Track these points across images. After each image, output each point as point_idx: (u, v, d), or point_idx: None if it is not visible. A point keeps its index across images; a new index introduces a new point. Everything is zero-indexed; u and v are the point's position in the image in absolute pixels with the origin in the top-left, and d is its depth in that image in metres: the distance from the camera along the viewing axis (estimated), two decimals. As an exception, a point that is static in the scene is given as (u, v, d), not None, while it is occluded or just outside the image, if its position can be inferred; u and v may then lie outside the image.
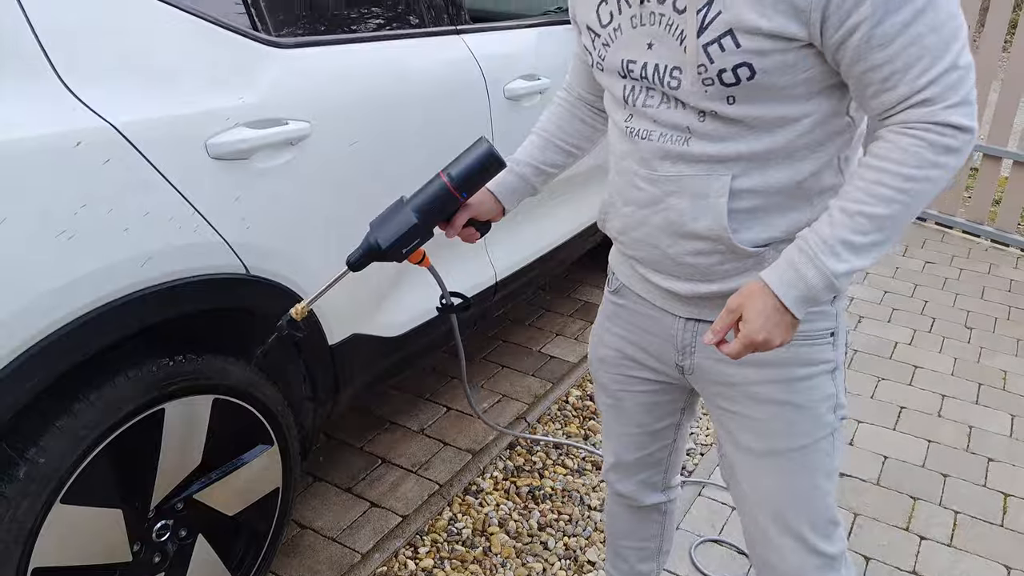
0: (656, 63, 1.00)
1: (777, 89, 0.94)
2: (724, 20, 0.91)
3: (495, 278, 2.32)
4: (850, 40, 0.88)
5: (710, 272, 1.08)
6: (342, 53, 1.71)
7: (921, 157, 0.90)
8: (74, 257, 1.20)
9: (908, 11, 0.85)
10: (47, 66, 1.21)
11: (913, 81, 0.89)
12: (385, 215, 1.21)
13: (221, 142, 1.41)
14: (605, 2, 1.05)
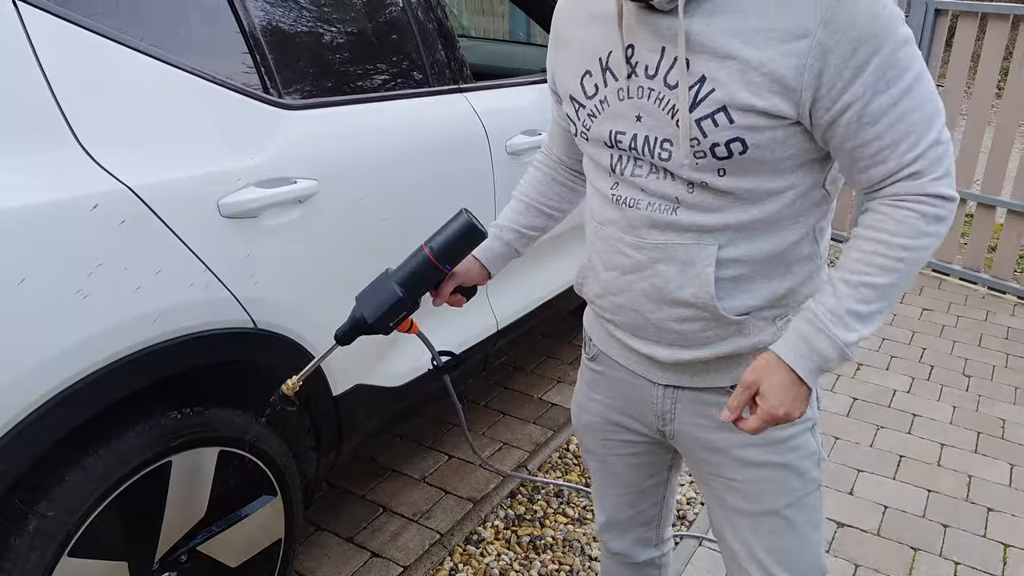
0: (646, 135, 1.02)
1: (766, 163, 0.97)
2: (717, 97, 0.94)
3: (496, 326, 2.35)
4: (842, 118, 0.93)
5: (692, 338, 1.09)
6: (349, 112, 1.77)
7: (915, 228, 0.95)
8: (88, 316, 1.24)
9: (895, 91, 0.91)
10: (68, 132, 1.26)
11: (902, 156, 0.94)
12: (371, 288, 1.22)
13: (232, 201, 1.46)
14: (589, 74, 1.07)
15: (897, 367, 3.19)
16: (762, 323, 1.09)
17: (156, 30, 1.44)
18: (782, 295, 1.08)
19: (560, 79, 1.15)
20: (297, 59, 1.71)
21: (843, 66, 0.89)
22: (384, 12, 1.97)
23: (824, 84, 0.90)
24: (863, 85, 0.90)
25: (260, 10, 1.64)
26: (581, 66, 1.09)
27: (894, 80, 0.90)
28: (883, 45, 0.89)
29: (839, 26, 0.88)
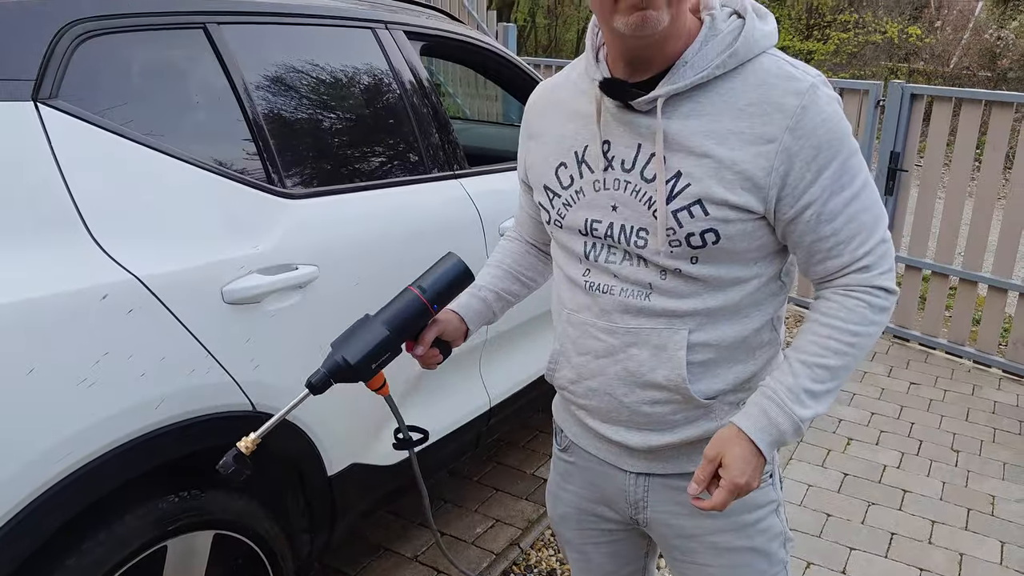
0: (622, 224, 1.08)
1: (735, 253, 1.05)
2: (693, 192, 1.01)
3: (489, 404, 2.38)
4: (803, 215, 1.02)
5: (663, 422, 1.14)
6: (348, 200, 1.84)
7: (864, 316, 1.05)
8: (92, 404, 1.28)
9: (848, 193, 1.02)
10: (81, 225, 1.32)
11: (854, 251, 1.04)
12: (350, 332, 1.17)
13: (236, 288, 1.51)
14: (564, 166, 1.13)
15: (887, 442, 3.21)
16: (727, 407, 1.14)
17: (164, 124, 1.52)
18: (745, 379, 1.14)
19: (533, 170, 1.20)
20: (299, 149, 1.79)
21: (806, 169, 0.99)
22: (382, 102, 2.07)
23: (789, 184, 1.00)
24: (822, 187, 1.00)
25: (264, 103, 1.73)
26: (556, 158, 1.15)
27: (847, 184, 1.02)
28: (839, 152, 1.00)
29: (803, 133, 0.98)
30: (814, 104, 0.98)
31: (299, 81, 1.85)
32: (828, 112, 0.99)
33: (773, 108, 0.98)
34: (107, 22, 1.44)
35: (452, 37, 2.41)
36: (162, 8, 1.55)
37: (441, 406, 2.17)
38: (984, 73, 14.03)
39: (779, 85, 0.99)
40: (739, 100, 1.00)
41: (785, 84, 0.99)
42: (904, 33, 13.21)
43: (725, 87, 1.01)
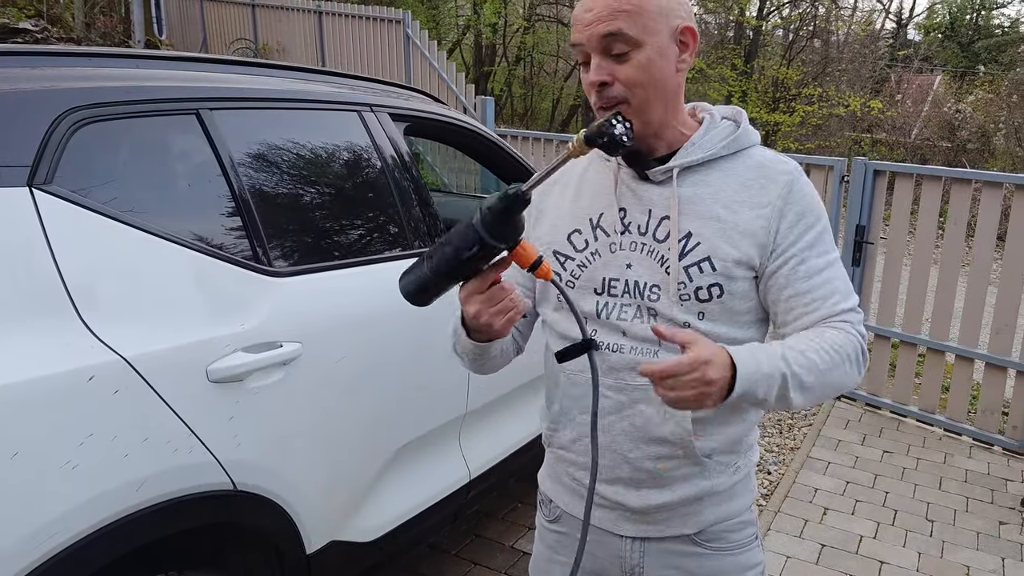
0: (636, 280, 1.18)
1: (735, 312, 1.16)
2: (703, 249, 1.15)
3: (469, 476, 2.38)
4: (784, 267, 1.15)
5: (663, 479, 1.20)
6: (333, 277, 1.88)
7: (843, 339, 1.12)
8: (74, 487, 1.28)
9: (823, 260, 1.17)
10: (70, 308, 1.34)
11: (831, 307, 1.16)
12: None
13: (220, 367, 1.53)
14: (578, 232, 1.23)
15: (862, 511, 3.24)
16: (720, 467, 1.23)
17: (156, 207, 1.55)
18: (737, 440, 1.24)
19: (546, 237, 1.26)
20: (286, 228, 1.83)
21: (791, 228, 1.15)
22: (366, 181, 2.13)
23: (778, 237, 1.15)
24: (803, 245, 1.15)
25: (253, 184, 1.77)
26: (569, 226, 1.25)
27: (823, 252, 1.17)
28: (818, 222, 1.17)
29: (791, 200, 1.16)
30: (799, 182, 1.18)
31: (287, 162, 1.91)
32: (809, 191, 1.18)
33: (769, 181, 1.17)
34: (103, 109, 1.49)
35: (434, 118, 2.50)
36: (157, 96, 1.60)
37: (419, 479, 2.17)
38: (944, 143, 14.57)
39: (773, 166, 1.19)
40: (740, 176, 1.17)
41: (777, 165, 1.19)
42: (866, 106, 13.73)
43: (727, 166, 1.18)
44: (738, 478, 1.26)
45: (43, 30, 8.85)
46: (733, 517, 1.27)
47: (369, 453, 1.96)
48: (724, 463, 1.23)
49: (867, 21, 22.52)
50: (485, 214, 0.99)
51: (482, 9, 17.40)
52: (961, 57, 24.61)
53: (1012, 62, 20.90)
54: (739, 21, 18.40)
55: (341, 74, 2.38)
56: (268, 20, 10.50)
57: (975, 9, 26.25)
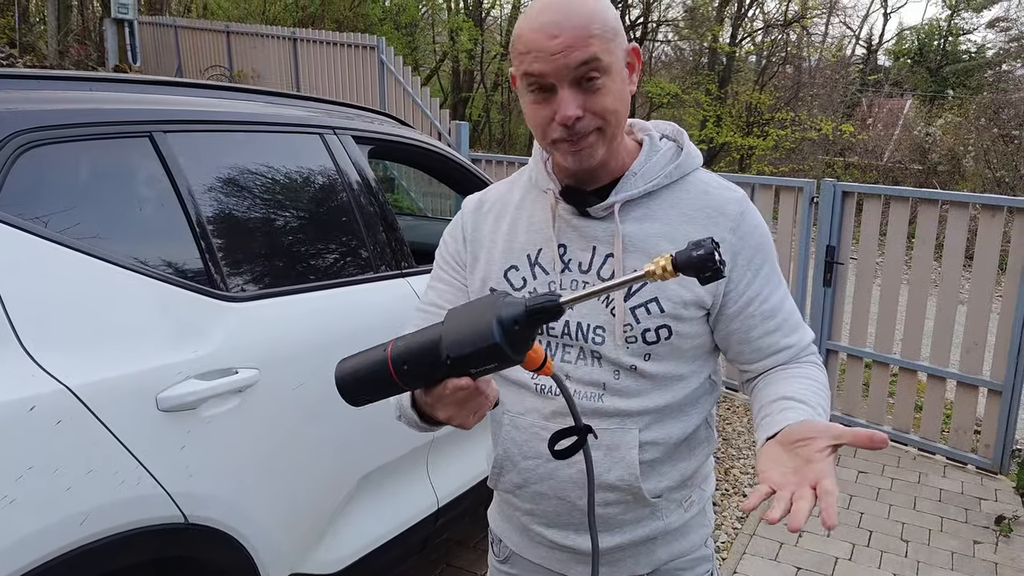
0: (579, 321, 1.10)
1: (681, 351, 1.11)
2: (650, 289, 1.08)
3: (437, 504, 2.34)
4: (748, 310, 1.11)
5: (613, 522, 1.16)
6: (293, 302, 1.85)
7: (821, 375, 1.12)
8: (12, 523, 1.23)
9: (780, 293, 1.14)
10: (12, 335, 1.30)
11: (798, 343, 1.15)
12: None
13: (171, 395, 1.49)
14: (515, 268, 1.15)
15: (837, 533, 3.21)
16: (672, 505, 1.19)
17: (106, 230, 1.52)
18: (688, 476, 1.19)
19: (476, 275, 1.19)
20: (243, 252, 1.80)
21: (747, 266, 1.10)
22: (328, 204, 2.10)
23: (733, 279, 1.10)
24: (761, 284, 1.11)
25: (209, 207, 1.74)
26: (505, 262, 1.16)
27: (778, 284, 1.14)
28: (770, 255, 1.13)
29: (743, 234, 1.10)
30: (749, 212, 1.12)
31: (245, 185, 1.88)
32: (758, 220, 1.13)
33: (717, 212, 1.10)
34: (50, 132, 1.46)
35: (400, 140, 2.48)
36: (107, 119, 1.57)
37: (384, 509, 2.12)
38: (916, 166, 14.82)
39: (720, 194, 1.12)
40: (686, 206, 1.11)
41: (724, 193, 1.12)
42: (838, 130, 13.95)
43: (671, 195, 1.12)
44: (692, 513, 1.22)
45: (8, 56, 8.78)
46: (688, 554, 1.23)
47: (330, 482, 1.92)
48: (676, 500, 1.19)
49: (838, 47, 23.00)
50: (510, 328, 0.79)
51: (458, 36, 17.55)
52: (930, 82, 25.15)
53: (979, 86, 21.39)
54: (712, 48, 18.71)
55: (305, 97, 2.36)
56: (243, 47, 10.50)
57: (942, 35, 26.88)
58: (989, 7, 25.22)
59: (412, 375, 0.85)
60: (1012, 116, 13.62)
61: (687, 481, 1.19)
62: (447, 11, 19.54)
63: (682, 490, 1.19)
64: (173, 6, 16.26)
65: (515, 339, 0.79)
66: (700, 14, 19.38)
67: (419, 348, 0.83)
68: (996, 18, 25.17)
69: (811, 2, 19.22)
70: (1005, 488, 3.66)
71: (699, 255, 0.80)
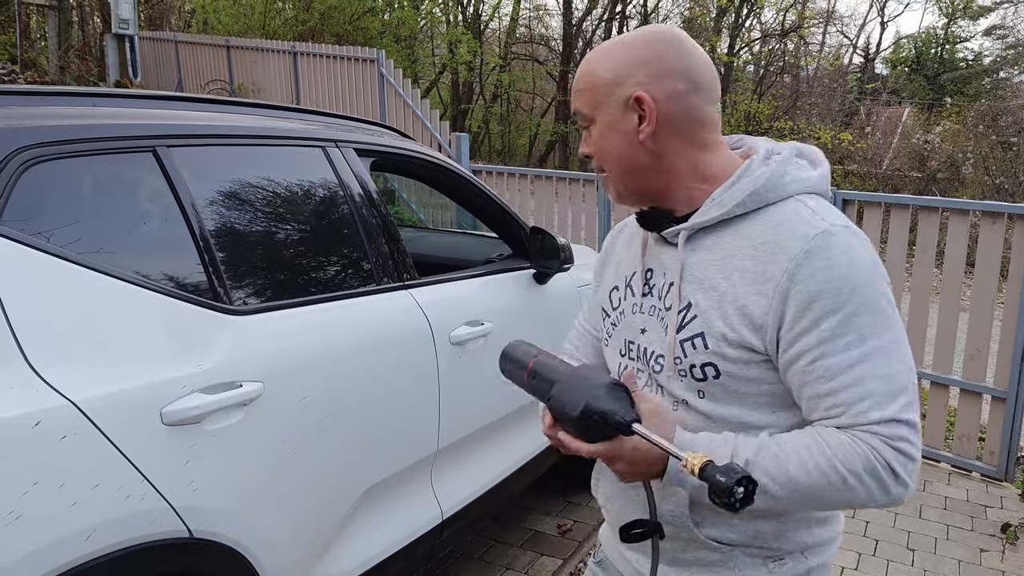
0: (646, 347, 1.13)
1: (742, 395, 1.03)
2: (698, 324, 1.04)
3: (442, 516, 2.33)
4: (797, 364, 0.98)
5: (676, 558, 1.12)
6: (296, 314, 1.85)
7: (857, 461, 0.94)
8: (18, 538, 1.22)
9: (853, 354, 0.94)
10: (16, 351, 1.30)
11: (856, 416, 0.95)
12: None
13: (176, 409, 1.49)
14: (616, 289, 1.21)
15: (843, 542, 3.20)
16: (751, 559, 1.09)
17: (110, 245, 1.52)
18: (770, 535, 1.08)
19: (600, 292, 1.28)
20: (247, 266, 1.80)
21: (800, 314, 0.96)
22: (331, 217, 2.11)
23: (784, 326, 0.98)
24: (820, 337, 0.95)
25: (213, 222, 1.75)
26: (612, 282, 1.24)
27: (852, 344, 0.94)
28: (844, 305, 0.94)
29: (801, 277, 0.96)
30: (821, 250, 0.96)
31: (249, 199, 1.88)
32: (838, 261, 0.96)
33: (779, 249, 0.99)
34: (54, 148, 1.46)
35: (401, 152, 2.49)
36: (111, 134, 1.58)
37: (389, 522, 2.12)
38: (915, 174, 14.84)
39: (790, 227, 0.99)
40: (754, 239, 1.02)
41: (795, 227, 0.99)
42: (837, 139, 13.99)
43: (745, 226, 1.04)
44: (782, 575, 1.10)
45: (10, 72, 8.82)
46: None
47: (335, 495, 1.91)
48: (758, 556, 1.09)
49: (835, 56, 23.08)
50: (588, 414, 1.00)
51: (457, 48, 17.63)
52: (928, 89, 25.24)
53: (977, 93, 21.46)
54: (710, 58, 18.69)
55: (307, 110, 2.37)
56: (243, 61, 10.55)
57: (940, 43, 27.00)
58: (986, 15, 25.35)
59: (532, 388, 1.11)
60: (1010, 123, 13.65)
61: (770, 540, 1.08)
62: (446, 24, 19.65)
63: (764, 548, 1.09)
64: (173, 22, 16.36)
65: (592, 426, 1.00)
66: (698, 24, 19.48)
67: (543, 378, 1.08)
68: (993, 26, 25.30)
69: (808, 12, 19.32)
70: (1011, 495, 3.64)
71: (720, 481, 0.84)
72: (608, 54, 1.07)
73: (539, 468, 2.92)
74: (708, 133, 1.08)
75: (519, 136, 24.35)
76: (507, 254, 2.96)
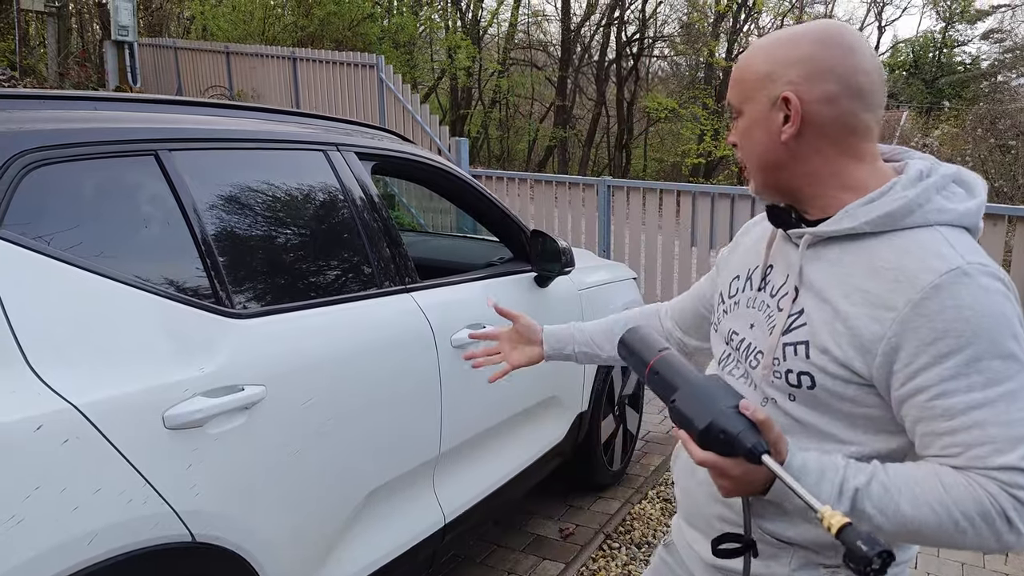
0: (750, 342, 1.14)
1: (836, 410, 1.02)
2: (805, 332, 1.03)
3: (444, 520, 2.32)
4: (915, 399, 0.95)
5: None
6: (298, 318, 1.84)
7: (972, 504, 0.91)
8: (19, 543, 1.22)
9: (975, 396, 0.91)
10: (18, 355, 1.30)
11: (976, 459, 0.92)
12: None
13: (178, 413, 1.48)
14: (738, 278, 1.22)
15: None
16: (804, 561, 1.08)
17: (112, 249, 1.52)
18: (829, 544, 1.05)
19: (723, 274, 1.29)
20: (249, 269, 1.80)
21: (922, 350, 0.93)
22: (332, 220, 2.11)
23: (900, 360, 0.94)
24: (942, 375, 0.92)
25: (214, 225, 1.74)
26: (735, 271, 1.24)
27: (977, 386, 0.91)
28: (970, 345, 0.91)
29: (926, 312, 0.92)
30: (952, 287, 0.92)
31: (250, 203, 1.88)
32: (968, 301, 0.91)
33: (905, 277, 0.95)
34: (56, 151, 1.46)
35: (403, 156, 2.49)
36: (113, 137, 1.58)
37: (390, 526, 2.11)
38: (913, 177, 14.83)
39: (921, 258, 0.96)
40: (880, 262, 0.98)
41: (928, 259, 0.95)
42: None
43: (874, 245, 1.00)
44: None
45: (10, 79, 8.84)
46: None
47: (337, 499, 1.90)
48: (814, 562, 1.07)
49: (833, 60, 23.02)
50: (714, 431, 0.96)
51: (456, 54, 17.67)
52: (926, 93, 25.30)
53: (975, 97, 21.51)
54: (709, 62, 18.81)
55: (307, 114, 2.37)
56: (242, 67, 10.57)
57: (937, 47, 27.08)
58: (983, 19, 25.43)
59: (654, 385, 1.09)
60: (1009, 126, 13.67)
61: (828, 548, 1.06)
62: (445, 29, 19.69)
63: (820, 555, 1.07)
64: (172, 28, 16.39)
65: (713, 441, 0.96)
66: (696, 30, 19.54)
67: (668, 377, 1.05)
68: (990, 29, 25.38)
69: (806, 16, 19.36)
70: (1013, 498, 3.63)
71: (861, 549, 0.82)
72: (768, 48, 1.06)
73: (541, 472, 2.92)
74: (860, 141, 1.04)
75: (518, 141, 24.38)
76: (508, 257, 2.96)
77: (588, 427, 3.26)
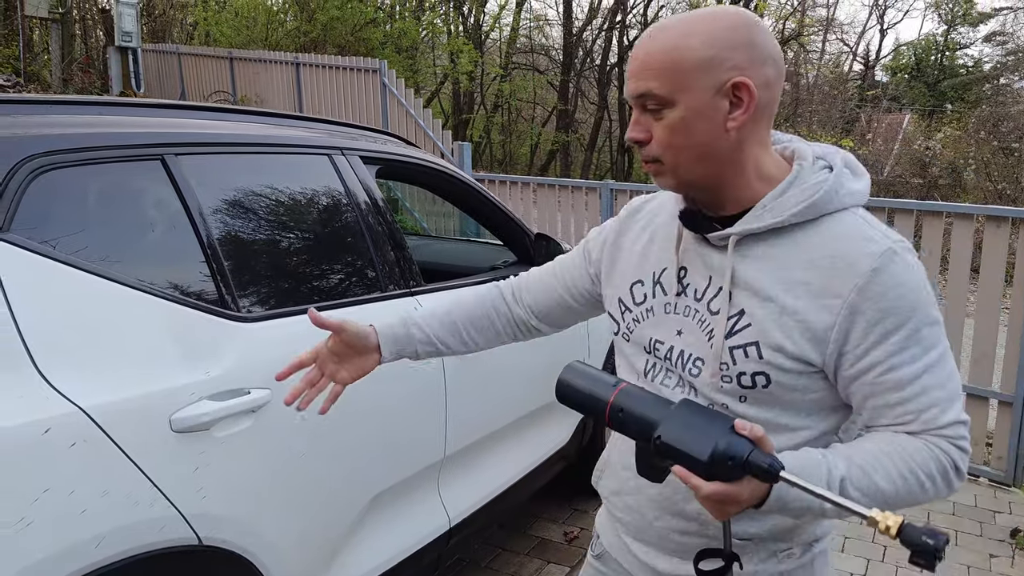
0: (682, 349, 1.09)
1: (786, 401, 1.04)
2: (752, 332, 1.02)
3: (449, 524, 2.32)
4: (866, 376, 0.99)
5: (693, 552, 1.10)
6: (303, 322, 1.84)
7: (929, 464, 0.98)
8: (28, 545, 1.22)
9: (918, 365, 0.98)
10: (26, 358, 1.30)
11: (928, 422, 0.99)
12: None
13: (184, 416, 1.49)
14: (640, 283, 1.16)
15: (851, 548, 3.18)
16: (765, 554, 1.10)
17: (118, 253, 1.52)
18: (786, 529, 1.09)
19: (614, 278, 1.22)
20: (254, 273, 1.80)
21: (869, 330, 0.97)
22: (337, 224, 2.11)
23: (851, 341, 0.98)
24: (889, 351, 0.97)
25: (220, 229, 1.75)
26: (634, 275, 1.18)
27: (917, 355, 0.97)
28: (909, 320, 0.97)
29: (871, 295, 0.97)
30: (888, 268, 0.97)
31: (256, 206, 1.89)
32: (903, 279, 0.97)
33: (845, 265, 0.98)
34: (63, 156, 1.47)
35: (407, 160, 2.50)
36: (119, 142, 1.59)
37: (396, 529, 2.11)
38: (916, 180, 14.84)
39: (855, 244, 0.99)
40: (812, 252, 1.00)
41: (861, 245, 0.99)
42: (838, 146, 14.00)
43: (800, 236, 1.02)
44: (789, 566, 1.11)
45: (15, 85, 8.87)
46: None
47: (342, 503, 1.91)
48: (771, 550, 1.10)
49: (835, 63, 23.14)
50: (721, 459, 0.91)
51: (458, 58, 17.70)
52: (928, 96, 25.29)
53: (978, 100, 21.50)
54: (711, 65, 18.72)
55: (312, 118, 2.38)
56: (246, 72, 10.60)
57: (939, 50, 27.08)
58: (985, 21, 25.44)
59: (620, 423, 1.00)
60: (1011, 129, 13.67)
61: (787, 533, 1.10)
62: (447, 34, 19.73)
63: (779, 541, 1.10)
64: (176, 34, 16.44)
65: (718, 470, 0.90)
66: (698, 33, 19.52)
67: (640, 413, 0.98)
68: (992, 32, 25.38)
69: (807, 19, 19.39)
70: (1019, 501, 3.63)
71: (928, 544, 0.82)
72: (705, 32, 0.98)
73: (546, 475, 2.92)
74: (769, 128, 1.05)
75: (520, 145, 24.41)
76: (512, 260, 2.96)
77: (592, 430, 3.26)
